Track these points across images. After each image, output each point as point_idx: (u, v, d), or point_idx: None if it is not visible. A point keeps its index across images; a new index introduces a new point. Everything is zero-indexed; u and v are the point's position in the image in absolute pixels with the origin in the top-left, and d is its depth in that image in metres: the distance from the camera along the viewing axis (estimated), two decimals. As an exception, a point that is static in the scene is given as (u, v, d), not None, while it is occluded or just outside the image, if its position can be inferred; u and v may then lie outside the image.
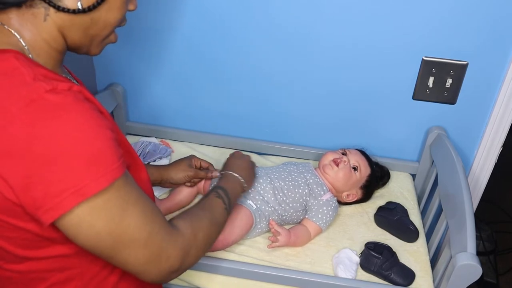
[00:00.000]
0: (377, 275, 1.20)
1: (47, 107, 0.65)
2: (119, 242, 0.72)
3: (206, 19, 1.40)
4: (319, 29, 1.36)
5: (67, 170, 0.65)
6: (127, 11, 0.80)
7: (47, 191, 0.65)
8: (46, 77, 0.69)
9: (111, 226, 0.70)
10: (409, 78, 1.40)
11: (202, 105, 1.57)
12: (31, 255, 0.75)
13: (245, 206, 1.23)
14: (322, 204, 1.29)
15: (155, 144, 1.53)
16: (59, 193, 0.65)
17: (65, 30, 0.75)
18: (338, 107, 1.49)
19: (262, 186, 1.27)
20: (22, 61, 0.69)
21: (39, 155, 0.64)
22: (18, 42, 0.72)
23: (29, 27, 0.72)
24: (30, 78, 0.67)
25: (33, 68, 0.69)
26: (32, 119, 0.64)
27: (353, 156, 1.38)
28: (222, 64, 1.47)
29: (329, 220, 1.29)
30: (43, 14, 0.72)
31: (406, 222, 1.31)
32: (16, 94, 0.65)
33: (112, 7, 0.76)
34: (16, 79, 0.67)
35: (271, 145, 1.57)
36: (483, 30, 1.29)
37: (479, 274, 1.04)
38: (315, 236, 1.28)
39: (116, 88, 1.54)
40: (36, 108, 0.64)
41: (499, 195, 2.32)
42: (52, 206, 0.65)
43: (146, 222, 0.74)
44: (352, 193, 1.37)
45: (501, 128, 1.41)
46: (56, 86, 0.67)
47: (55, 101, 0.66)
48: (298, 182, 1.30)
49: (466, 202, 1.16)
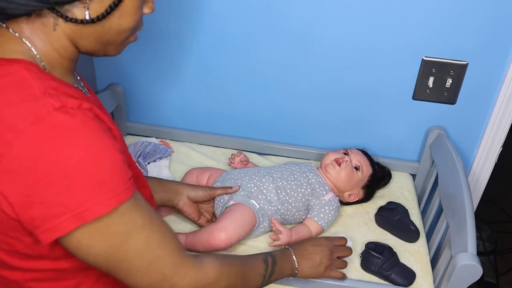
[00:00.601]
0: (377, 275, 1.20)
1: (54, 127, 0.63)
2: (118, 266, 0.71)
3: (206, 19, 1.40)
4: (319, 29, 1.36)
5: (69, 192, 0.63)
6: (143, 14, 0.78)
7: (46, 212, 0.64)
8: (57, 90, 0.67)
9: (109, 250, 0.69)
10: (409, 78, 1.40)
11: (202, 105, 1.57)
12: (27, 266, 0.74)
13: (248, 205, 1.23)
14: (324, 204, 1.29)
15: (155, 144, 1.53)
16: (58, 215, 0.64)
17: (76, 39, 0.73)
18: (338, 107, 1.49)
19: (265, 186, 1.27)
20: (32, 73, 0.68)
21: (41, 175, 0.62)
22: (29, 51, 0.71)
23: (40, 35, 0.71)
24: (40, 92, 0.65)
25: (43, 81, 0.67)
26: (38, 137, 0.63)
27: (355, 156, 1.38)
28: (222, 64, 1.47)
29: (331, 220, 1.29)
30: (52, 23, 0.71)
31: (407, 222, 1.31)
32: (24, 109, 0.64)
33: (124, 14, 0.73)
34: (24, 92, 0.65)
35: (271, 145, 1.57)
36: (483, 30, 1.29)
37: (479, 274, 1.04)
38: (316, 236, 1.28)
39: (116, 88, 1.54)
40: (43, 127, 0.63)
41: (499, 195, 2.32)
42: (50, 227, 0.64)
43: (149, 249, 0.72)
44: (354, 193, 1.37)
45: (501, 128, 1.41)
46: (66, 103, 0.65)
47: (63, 121, 0.64)
48: (301, 182, 1.30)
49: (466, 202, 1.16)
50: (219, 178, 1.33)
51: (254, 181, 1.27)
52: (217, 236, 1.14)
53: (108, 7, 0.71)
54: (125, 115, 1.60)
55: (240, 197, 1.25)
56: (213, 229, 1.16)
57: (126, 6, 0.73)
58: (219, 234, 1.14)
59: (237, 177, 1.29)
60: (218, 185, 1.30)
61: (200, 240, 1.16)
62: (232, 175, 1.31)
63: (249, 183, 1.27)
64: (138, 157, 1.47)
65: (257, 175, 1.30)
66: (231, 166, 1.44)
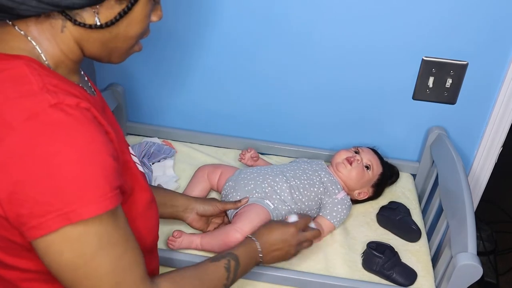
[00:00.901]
0: (379, 274, 1.20)
1: (47, 124, 0.63)
2: (80, 282, 0.67)
3: (206, 19, 1.40)
4: (320, 29, 1.36)
5: (55, 191, 0.62)
6: (150, 22, 0.78)
7: (32, 210, 0.63)
8: (57, 87, 0.67)
9: (78, 261, 0.66)
10: (409, 78, 1.40)
11: (202, 105, 1.56)
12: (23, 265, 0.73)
13: (263, 205, 1.23)
14: (336, 203, 1.29)
15: (159, 144, 1.53)
16: (43, 214, 0.62)
17: (83, 42, 0.73)
18: (338, 107, 1.49)
19: (279, 185, 1.27)
20: (32, 69, 0.67)
21: (28, 172, 0.62)
22: (33, 49, 0.70)
23: (47, 36, 0.71)
24: (38, 88, 0.65)
25: (43, 77, 0.67)
26: (29, 134, 0.62)
27: (365, 154, 1.38)
28: (222, 63, 1.47)
29: (343, 218, 1.30)
30: (61, 25, 0.71)
31: (409, 221, 1.32)
32: (20, 105, 0.64)
33: (133, 21, 0.73)
34: (23, 88, 0.65)
35: (271, 145, 1.57)
36: (483, 30, 1.29)
37: (479, 274, 1.04)
38: (328, 234, 1.29)
39: (116, 88, 1.54)
40: (36, 123, 0.63)
41: (499, 195, 2.32)
42: (34, 225, 0.63)
43: (117, 271, 0.69)
44: (363, 191, 1.38)
45: (501, 128, 1.42)
46: (63, 100, 0.65)
47: (57, 118, 0.63)
48: (313, 181, 1.31)
49: (466, 202, 1.16)
50: (231, 177, 1.32)
51: (268, 181, 1.28)
52: (233, 237, 1.14)
53: (117, 14, 0.71)
54: (125, 115, 1.60)
55: (254, 198, 1.25)
56: (229, 230, 1.16)
57: (135, 13, 0.73)
58: (235, 234, 1.15)
59: (251, 177, 1.29)
60: (231, 184, 1.30)
61: (216, 240, 1.16)
62: (245, 174, 1.31)
63: (263, 183, 1.27)
64: (143, 157, 1.47)
65: (271, 175, 1.30)
66: (242, 162, 1.44)
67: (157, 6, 0.79)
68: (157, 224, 0.89)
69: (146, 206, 0.82)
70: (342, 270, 1.20)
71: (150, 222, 0.86)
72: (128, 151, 0.84)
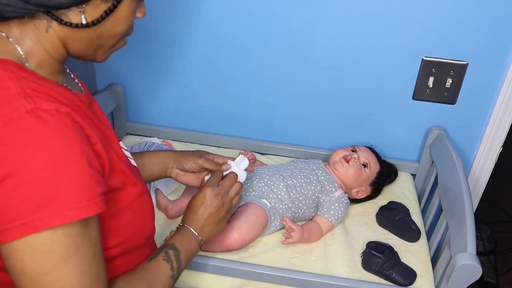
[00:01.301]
0: (378, 274, 1.20)
1: (21, 131, 0.62)
2: None
3: (206, 19, 1.40)
4: (319, 29, 1.36)
5: (22, 199, 0.61)
6: (135, 19, 0.78)
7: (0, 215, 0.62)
8: (35, 90, 0.66)
9: (38, 271, 0.63)
10: (409, 78, 1.40)
11: (202, 105, 1.56)
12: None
13: (260, 205, 1.23)
14: (334, 201, 1.30)
15: (158, 144, 1.53)
16: (9, 220, 0.61)
17: (68, 41, 0.73)
18: (338, 107, 1.49)
19: (276, 184, 1.28)
20: (10, 73, 0.66)
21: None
22: (14, 51, 0.70)
23: (30, 36, 0.70)
24: (16, 92, 0.64)
25: (22, 81, 0.66)
26: (3, 141, 0.62)
27: (362, 153, 1.39)
28: (222, 64, 1.47)
29: (341, 216, 1.30)
30: (45, 25, 0.70)
31: (408, 221, 1.32)
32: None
33: (118, 19, 0.74)
34: (0, 93, 0.64)
35: (271, 145, 1.57)
36: (483, 30, 1.29)
37: (479, 274, 1.04)
38: (327, 233, 1.29)
39: (116, 88, 1.54)
40: (11, 131, 0.62)
41: (499, 195, 2.33)
42: (1, 230, 0.62)
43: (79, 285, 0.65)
44: (361, 189, 1.38)
45: (501, 128, 1.41)
46: (40, 105, 0.64)
47: (32, 125, 0.62)
48: (310, 179, 1.31)
49: (466, 202, 1.16)
50: None
51: (264, 180, 1.28)
52: (231, 237, 1.15)
53: (103, 13, 0.71)
54: (125, 115, 1.60)
55: (251, 197, 1.25)
56: (227, 230, 1.16)
57: (121, 11, 0.73)
58: (233, 234, 1.15)
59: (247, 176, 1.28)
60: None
61: (214, 241, 1.16)
62: None
63: (260, 182, 1.28)
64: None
65: (267, 174, 1.30)
66: None
67: (141, 3, 0.79)
68: (150, 216, 0.88)
69: (135, 199, 0.81)
70: (341, 270, 1.20)
71: (142, 214, 0.84)
72: (119, 146, 0.82)
